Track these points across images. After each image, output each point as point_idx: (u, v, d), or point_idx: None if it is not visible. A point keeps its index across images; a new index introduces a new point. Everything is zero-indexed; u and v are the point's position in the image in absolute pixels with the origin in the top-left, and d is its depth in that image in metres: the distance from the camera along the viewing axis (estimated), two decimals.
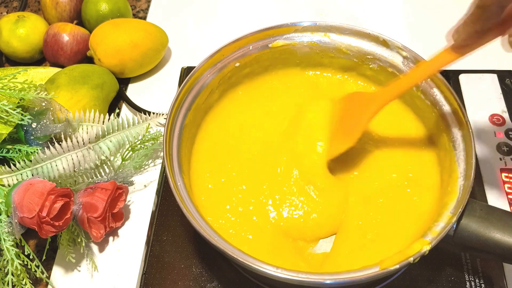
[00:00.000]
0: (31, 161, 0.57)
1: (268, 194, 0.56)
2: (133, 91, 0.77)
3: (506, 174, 0.62)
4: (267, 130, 0.61)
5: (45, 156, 0.57)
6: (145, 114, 0.69)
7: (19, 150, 0.60)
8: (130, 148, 0.64)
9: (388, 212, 0.54)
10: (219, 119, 0.62)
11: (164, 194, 0.64)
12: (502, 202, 0.60)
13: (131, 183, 0.66)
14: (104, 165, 0.63)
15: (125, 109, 0.75)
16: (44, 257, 0.59)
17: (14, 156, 0.60)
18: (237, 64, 0.62)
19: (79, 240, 0.59)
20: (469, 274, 0.55)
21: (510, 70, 0.72)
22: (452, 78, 0.72)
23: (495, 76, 0.72)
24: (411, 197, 0.55)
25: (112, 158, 0.63)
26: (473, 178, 0.48)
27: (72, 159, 0.58)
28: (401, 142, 0.59)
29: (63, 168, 0.57)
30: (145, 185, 0.66)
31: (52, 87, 0.67)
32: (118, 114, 0.74)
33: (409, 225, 0.52)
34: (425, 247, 0.45)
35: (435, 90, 0.57)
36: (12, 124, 0.59)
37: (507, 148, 0.65)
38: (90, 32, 0.76)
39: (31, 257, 0.55)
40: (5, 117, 0.58)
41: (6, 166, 0.57)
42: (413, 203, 0.54)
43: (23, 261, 0.54)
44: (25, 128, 0.60)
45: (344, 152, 0.56)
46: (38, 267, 0.55)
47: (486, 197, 0.61)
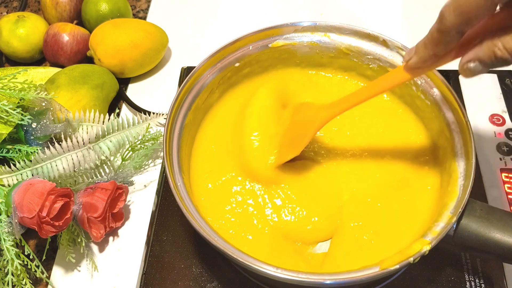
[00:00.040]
0: (31, 161, 0.57)
1: (267, 195, 0.56)
2: (133, 91, 0.77)
3: (506, 174, 0.62)
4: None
5: (45, 156, 0.57)
6: (145, 114, 0.69)
7: (19, 150, 0.60)
8: (130, 148, 0.64)
9: (388, 212, 0.54)
10: (219, 119, 0.62)
11: (164, 194, 0.64)
12: (502, 202, 0.60)
13: (131, 183, 0.66)
14: (104, 165, 0.63)
15: (125, 109, 0.75)
16: (44, 257, 0.59)
17: (14, 156, 0.60)
18: (237, 64, 0.62)
19: (79, 240, 0.59)
20: (469, 274, 0.55)
21: (510, 70, 0.72)
22: (452, 78, 0.72)
23: (495, 76, 0.72)
24: (411, 197, 0.55)
25: (112, 158, 0.63)
26: (473, 178, 0.48)
27: (72, 159, 0.58)
28: (401, 141, 0.60)
29: (63, 168, 0.57)
30: (145, 185, 0.66)
31: (52, 87, 0.67)
32: (118, 114, 0.74)
33: (409, 225, 0.52)
34: (425, 247, 0.45)
35: (435, 90, 0.57)
36: (12, 124, 0.59)
37: (507, 148, 0.65)
38: (90, 32, 0.76)
39: (31, 257, 0.55)
40: (5, 117, 0.58)
41: (6, 166, 0.57)
42: (413, 203, 0.54)
43: (23, 261, 0.54)
44: (25, 128, 0.60)
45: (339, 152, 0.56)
46: (38, 267, 0.55)
47: (486, 197, 0.61)
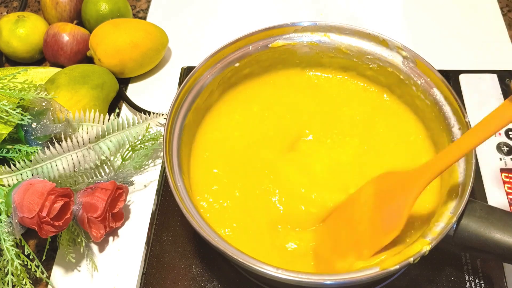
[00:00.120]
0: (31, 161, 0.57)
1: (267, 195, 0.56)
2: (133, 91, 0.77)
3: (506, 174, 0.62)
4: (267, 130, 0.61)
5: (45, 156, 0.57)
6: (145, 114, 0.69)
7: (19, 150, 0.60)
8: (130, 148, 0.64)
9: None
10: (219, 119, 0.62)
11: (164, 194, 0.64)
12: (502, 202, 0.60)
13: (131, 183, 0.66)
14: (104, 165, 0.63)
15: (125, 109, 0.75)
16: (44, 257, 0.59)
17: (14, 156, 0.60)
18: (237, 64, 0.62)
19: (79, 240, 0.59)
20: (469, 274, 0.55)
21: (510, 70, 0.72)
22: (452, 78, 0.72)
23: (495, 76, 0.72)
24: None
25: (112, 158, 0.63)
26: (473, 178, 0.48)
27: (72, 159, 0.58)
28: (401, 141, 0.59)
29: (63, 168, 0.57)
30: (145, 185, 0.66)
31: (52, 87, 0.67)
32: (118, 114, 0.74)
33: (409, 225, 0.52)
34: (425, 247, 0.45)
35: (435, 90, 0.57)
36: (12, 124, 0.59)
37: (507, 148, 0.65)
38: (90, 32, 0.76)
39: (31, 257, 0.55)
40: (5, 117, 0.58)
41: (6, 166, 0.57)
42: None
43: (23, 261, 0.54)
44: (25, 128, 0.60)
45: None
46: (38, 267, 0.55)
47: (486, 197, 0.61)
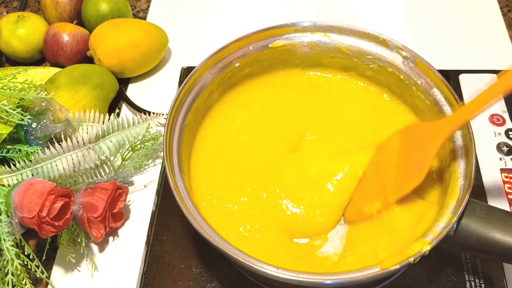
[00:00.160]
0: (31, 161, 0.57)
1: (270, 197, 0.56)
2: (133, 91, 0.77)
3: (506, 174, 0.62)
4: (267, 130, 0.61)
5: (45, 156, 0.57)
6: (145, 114, 0.69)
7: (19, 150, 0.60)
8: (130, 148, 0.64)
9: (388, 213, 0.54)
10: (219, 119, 0.62)
11: (164, 194, 0.64)
12: (502, 202, 0.60)
13: (131, 183, 0.66)
14: (104, 165, 0.63)
15: (125, 109, 0.75)
16: (44, 257, 0.59)
17: (14, 156, 0.60)
18: (237, 64, 0.62)
19: (79, 240, 0.59)
20: (469, 274, 0.55)
21: None
22: (452, 78, 0.72)
23: (495, 76, 0.71)
24: (411, 197, 0.54)
25: (112, 158, 0.63)
26: (473, 178, 0.48)
27: (72, 159, 0.58)
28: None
29: (63, 168, 0.57)
30: (145, 185, 0.66)
31: (52, 87, 0.67)
32: (118, 114, 0.74)
33: (409, 225, 0.52)
34: (426, 247, 0.45)
35: (435, 90, 0.57)
36: (12, 124, 0.59)
37: (507, 148, 0.65)
38: (90, 32, 0.76)
39: (31, 257, 0.55)
40: (5, 117, 0.58)
41: (6, 166, 0.57)
42: (414, 203, 0.54)
43: (23, 261, 0.54)
44: (25, 128, 0.60)
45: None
46: (38, 267, 0.55)
47: (486, 197, 0.61)
